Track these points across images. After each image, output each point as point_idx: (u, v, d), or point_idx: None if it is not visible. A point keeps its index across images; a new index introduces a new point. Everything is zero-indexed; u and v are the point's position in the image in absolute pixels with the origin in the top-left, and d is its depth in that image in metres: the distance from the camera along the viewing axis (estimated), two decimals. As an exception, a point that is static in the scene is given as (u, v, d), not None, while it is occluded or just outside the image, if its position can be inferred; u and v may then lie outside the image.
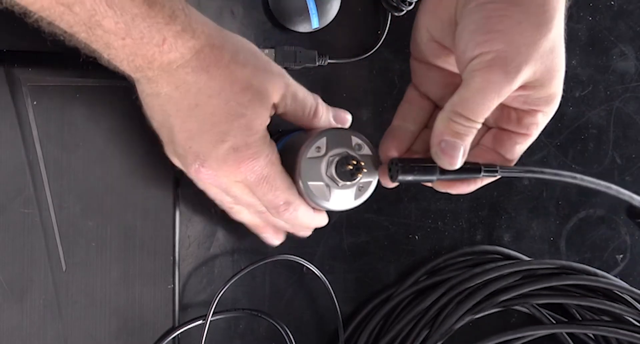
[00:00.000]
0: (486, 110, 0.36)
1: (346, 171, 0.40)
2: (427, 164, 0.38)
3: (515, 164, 0.41)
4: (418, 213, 0.58)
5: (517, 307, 0.57)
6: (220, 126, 0.37)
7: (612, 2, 0.61)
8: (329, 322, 0.56)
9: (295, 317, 0.55)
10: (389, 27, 0.55)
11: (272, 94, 0.39)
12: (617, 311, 0.54)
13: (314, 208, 0.43)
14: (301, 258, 0.53)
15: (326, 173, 0.40)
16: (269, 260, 0.53)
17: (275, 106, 0.40)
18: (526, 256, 0.59)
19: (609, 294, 0.56)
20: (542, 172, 0.40)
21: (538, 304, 0.57)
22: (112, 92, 0.47)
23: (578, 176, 0.40)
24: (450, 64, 0.41)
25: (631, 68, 0.62)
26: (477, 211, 0.59)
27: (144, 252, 0.49)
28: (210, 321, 0.50)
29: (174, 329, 0.50)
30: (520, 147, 0.41)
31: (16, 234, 0.46)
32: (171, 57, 0.36)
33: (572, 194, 0.61)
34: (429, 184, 0.41)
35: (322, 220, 0.45)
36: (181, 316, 0.52)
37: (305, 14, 0.52)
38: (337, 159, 0.40)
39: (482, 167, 0.39)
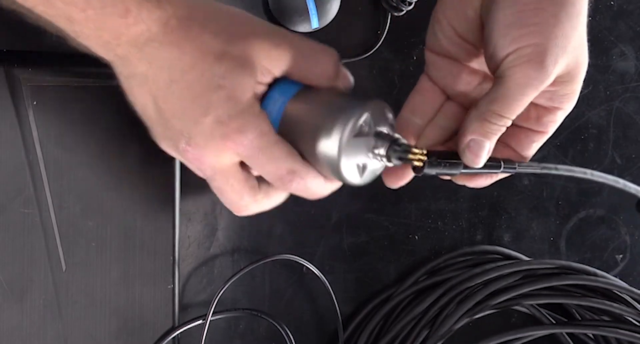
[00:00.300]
0: (522, 106, 0.36)
1: (400, 157, 0.37)
2: (453, 160, 0.39)
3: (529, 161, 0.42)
4: (418, 213, 0.58)
5: (517, 307, 0.57)
6: (200, 100, 0.36)
7: (612, 2, 0.61)
8: (329, 322, 0.56)
9: (295, 317, 0.55)
10: (389, 27, 0.55)
11: (256, 59, 0.36)
12: (617, 311, 0.54)
13: (326, 177, 0.39)
14: (301, 257, 0.53)
15: (369, 153, 0.38)
16: (268, 260, 0.53)
17: (268, 71, 0.37)
18: (526, 256, 0.59)
19: (608, 294, 0.56)
20: (556, 169, 0.40)
21: (538, 304, 0.57)
22: (112, 92, 0.47)
23: (588, 171, 0.40)
24: (474, 61, 0.41)
25: (631, 68, 0.62)
26: (477, 211, 0.59)
27: (144, 253, 0.49)
28: (210, 321, 0.50)
29: (174, 329, 0.50)
30: (536, 145, 0.41)
31: (16, 234, 0.46)
32: (137, 31, 0.34)
33: (572, 194, 0.61)
34: (447, 177, 0.41)
35: (335, 187, 0.41)
36: (181, 316, 0.52)
37: (305, 14, 0.52)
38: (388, 144, 0.37)
39: (502, 164, 0.40)
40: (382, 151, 0.38)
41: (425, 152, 0.38)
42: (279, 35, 0.38)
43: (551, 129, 0.40)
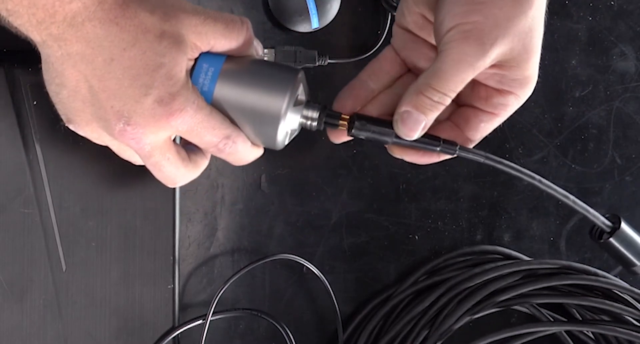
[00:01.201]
0: (459, 83, 0.37)
1: (330, 122, 0.40)
2: (385, 128, 0.39)
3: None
4: (418, 213, 0.58)
5: (517, 307, 0.57)
6: (140, 79, 0.36)
7: (612, 2, 0.61)
8: (329, 322, 0.56)
9: (295, 317, 0.55)
10: (389, 27, 0.55)
11: (187, 36, 0.37)
12: (617, 310, 0.54)
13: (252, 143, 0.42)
14: (301, 257, 0.53)
15: (301, 119, 0.40)
16: (268, 259, 0.53)
17: (197, 47, 0.38)
18: (526, 256, 0.59)
19: (609, 294, 0.56)
20: (501, 163, 0.40)
21: (538, 304, 0.57)
22: (112, 92, 0.47)
23: (537, 176, 0.40)
24: (432, 38, 0.41)
25: (631, 68, 0.62)
26: (477, 211, 0.59)
27: (144, 253, 0.49)
28: (210, 321, 0.50)
29: (174, 329, 0.50)
30: (485, 127, 0.41)
31: (16, 234, 0.46)
32: (74, 9, 0.34)
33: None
34: (386, 145, 0.41)
35: (259, 153, 0.43)
36: (181, 316, 0.52)
37: (305, 14, 0.52)
38: (318, 111, 0.40)
39: (442, 142, 0.40)
40: (314, 118, 0.40)
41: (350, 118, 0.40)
42: (203, 11, 0.38)
43: (503, 113, 0.40)
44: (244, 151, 0.41)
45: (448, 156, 0.41)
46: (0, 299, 0.46)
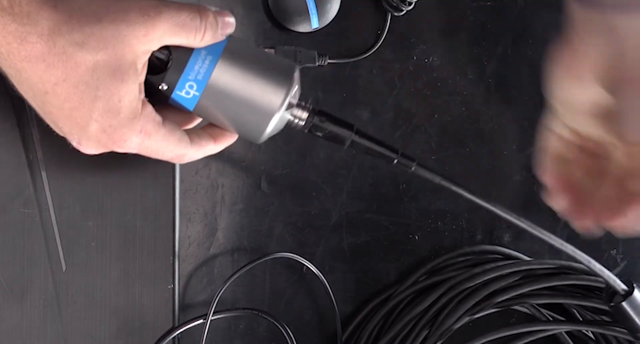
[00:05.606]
0: None
1: (318, 125, 0.41)
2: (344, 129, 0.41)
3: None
4: (418, 213, 0.58)
5: (517, 307, 0.57)
6: (79, 111, 0.36)
7: (612, 2, 0.61)
8: (329, 322, 0.56)
9: (295, 317, 0.55)
10: (388, 27, 0.55)
11: (130, 57, 0.35)
12: (617, 311, 0.54)
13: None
14: (301, 257, 0.53)
15: (290, 118, 0.41)
16: (269, 258, 0.53)
17: (148, 51, 0.36)
18: (526, 256, 0.59)
19: (609, 294, 0.56)
20: (456, 184, 0.43)
21: (538, 304, 0.57)
22: (112, 92, 0.47)
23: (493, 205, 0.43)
24: None
25: (631, 68, 0.61)
26: (477, 211, 0.59)
27: (144, 253, 0.49)
28: (211, 320, 0.50)
29: (174, 329, 0.50)
30: None
31: (16, 234, 0.46)
32: (2, 46, 0.34)
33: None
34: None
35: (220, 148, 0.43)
36: (181, 316, 0.52)
37: (305, 14, 0.52)
38: (308, 112, 0.41)
39: (400, 155, 0.42)
40: (302, 118, 0.41)
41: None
42: (154, 12, 0.36)
43: None
44: (199, 155, 0.42)
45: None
46: (0, 299, 0.46)
